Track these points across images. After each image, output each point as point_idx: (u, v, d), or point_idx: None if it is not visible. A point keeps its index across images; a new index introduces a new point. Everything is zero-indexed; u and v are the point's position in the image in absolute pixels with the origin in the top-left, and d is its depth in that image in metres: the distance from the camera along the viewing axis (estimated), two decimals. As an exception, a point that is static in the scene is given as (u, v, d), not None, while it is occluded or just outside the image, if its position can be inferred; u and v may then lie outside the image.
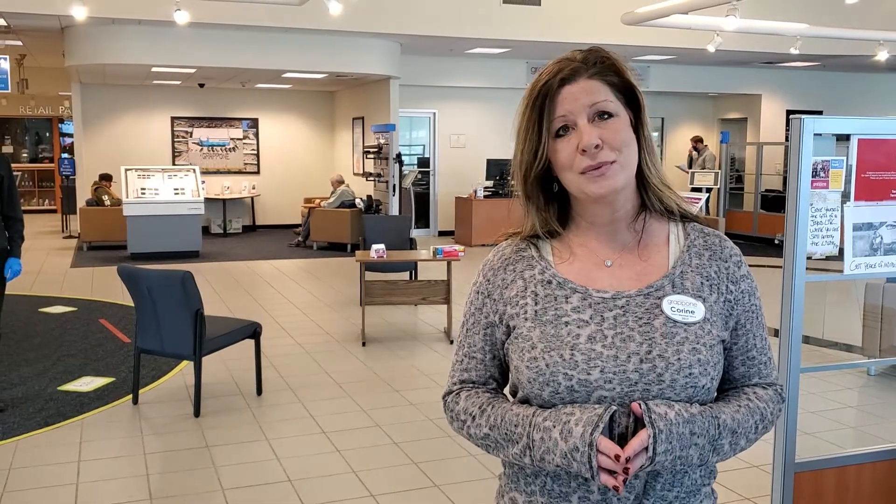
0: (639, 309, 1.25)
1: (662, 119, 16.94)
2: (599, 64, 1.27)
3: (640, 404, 1.18)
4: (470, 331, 1.39)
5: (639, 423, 1.18)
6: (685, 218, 1.35)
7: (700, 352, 1.22)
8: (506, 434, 1.27)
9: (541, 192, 1.33)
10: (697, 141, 14.46)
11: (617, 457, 1.15)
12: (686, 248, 1.31)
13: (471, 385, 1.39)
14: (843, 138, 2.67)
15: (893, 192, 2.52)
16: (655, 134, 17.30)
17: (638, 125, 1.28)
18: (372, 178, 12.86)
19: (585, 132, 1.23)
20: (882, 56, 11.54)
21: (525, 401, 1.30)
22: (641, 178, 1.30)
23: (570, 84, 1.25)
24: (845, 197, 2.53)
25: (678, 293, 1.26)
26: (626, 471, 1.15)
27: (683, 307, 1.25)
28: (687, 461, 1.20)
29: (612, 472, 1.16)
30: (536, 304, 1.29)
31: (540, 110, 1.26)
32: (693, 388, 1.21)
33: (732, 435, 1.23)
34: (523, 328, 1.29)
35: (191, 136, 14.82)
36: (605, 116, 1.25)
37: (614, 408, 1.19)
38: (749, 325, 1.31)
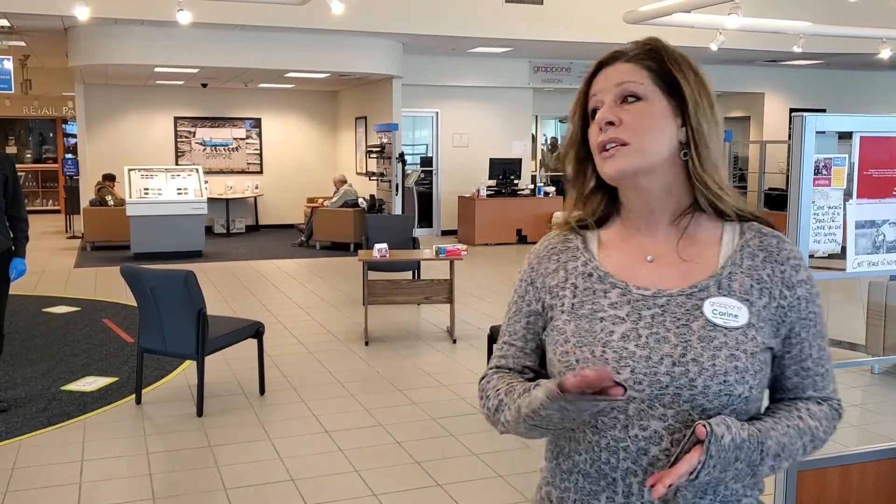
0: (679, 309, 1.20)
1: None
2: (644, 50, 1.25)
3: (706, 427, 1.13)
4: (512, 318, 1.38)
5: (687, 436, 1.15)
6: (743, 218, 1.28)
7: (739, 358, 1.16)
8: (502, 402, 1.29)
9: (589, 178, 1.31)
10: None
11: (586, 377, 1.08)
12: (739, 249, 1.25)
13: (506, 371, 1.37)
14: (846, 136, 2.66)
15: (896, 189, 2.52)
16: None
17: (685, 118, 1.23)
18: (375, 178, 12.86)
19: (603, 109, 1.24)
20: (885, 54, 11.52)
21: None
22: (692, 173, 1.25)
23: (608, 67, 1.26)
24: (847, 195, 2.52)
25: (723, 295, 1.21)
26: (661, 483, 1.13)
27: (726, 310, 1.19)
28: (720, 480, 1.18)
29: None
30: (574, 296, 1.27)
31: (584, 94, 1.28)
32: (728, 396, 1.16)
33: (775, 459, 1.19)
34: (559, 320, 1.27)
35: (194, 136, 14.83)
36: (632, 99, 1.23)
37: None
38: (804, 334, 1.23)
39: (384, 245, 6.61)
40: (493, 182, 13.11)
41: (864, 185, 2.51)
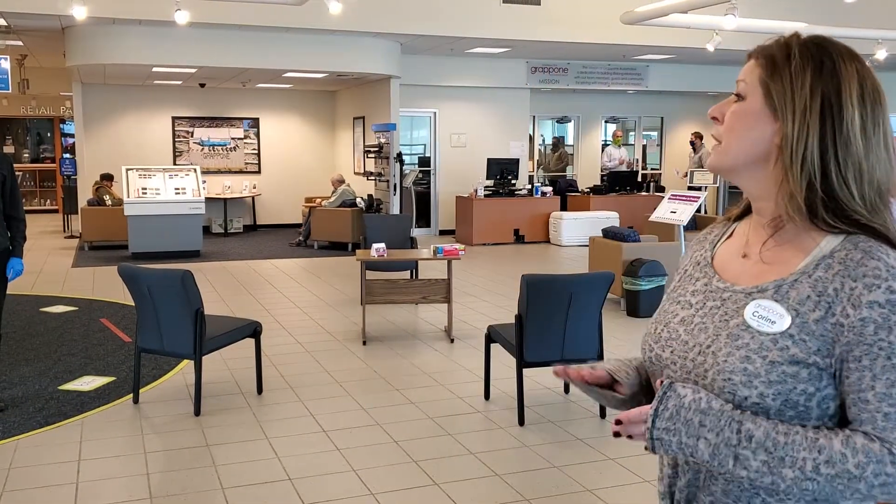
0: (732, 305, 1.21)
1: (662, 118, 16.95)
2: (774, 44, 1.22)
3: (664, 380, 1.19)
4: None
5: None
6: (852, 230, 1.16)
7: (753, 362, 1.14)
8: None
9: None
10: (697, 137, 14.44)
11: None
12: (822, 258, 1.16)
13: None
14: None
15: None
16: (655, 133, 17.31)
17: (785, 122, 1.17)
18: (373, 178, 12.87)
19: (716, 105, 1.27)
20: (881, 55, 11.54)
21: None
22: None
23: (748, 61, 1.27)
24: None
25: (776, 301, 1.16)
26: (620, 433, 1.20)
27: (766, 314, 1.16)
28: (698, 456, 1.14)
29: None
30: (679, 281, 1.36)
31: None
32: (731, 395, 1.14)
33: (767, 455, 1.10)
34: (664, 301, 1.37)
35: (192, 136, 14.83)
36: (738, 98, 1.24)
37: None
38: (867, 361, 1.09)
39: (382, 245, 6.62)
40: (490, 182, 13.12)
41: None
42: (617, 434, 1.20)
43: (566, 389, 5.25)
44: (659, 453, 1.19)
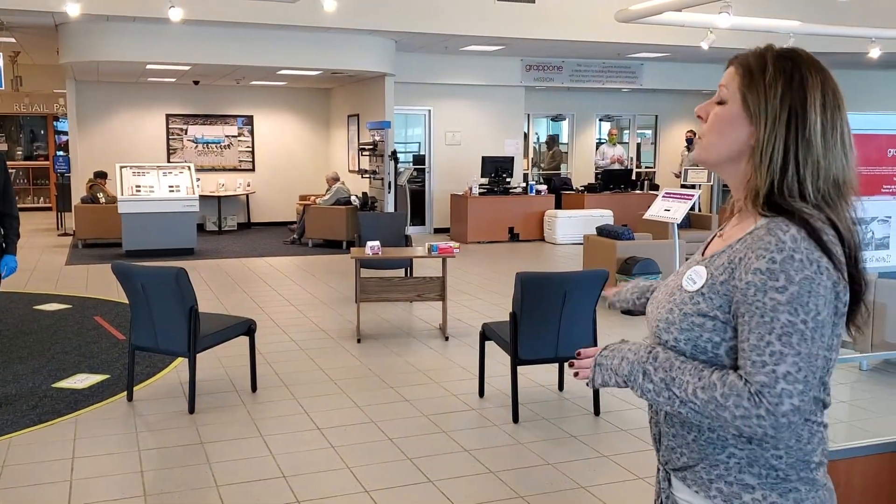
0: (686, 271, 1.46)
1: (656, 116, 16.97)
2: (751, 55, 1.41)
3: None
4: None
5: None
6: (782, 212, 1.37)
7: (672, 312, 1.41)
8: None
9: None
10: (694, 135, 14.46)
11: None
12: (746, 235, 1.39)
13: None
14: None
15: (885, 187, 2.54)
16: (649, 132, 17.32)
17: (758, 127, 1.37)
18: (367, 176, 12.86)
19: (701, 105, 1.48)
20: (875, 53, 11.57)
21: None
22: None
23: (729, 66, 1.46)
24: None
25: (705, 266, 1.42)
26: (572, 365, 1.50)
27: (694, 277, 1.42)
28: (621, 372, 1.42)
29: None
30: (686, 260, 1.60)
31: None
32: (657, 339, 1.44)
33: (664, 373, 1.36)
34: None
35: (186, 134, 14.80)
36: (721, 101, 1.43)
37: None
38: (747, 317, 1.31)
39: (377, 243, 6.62)
40: (485, 180, 13.12)
41: (852, 182, 2.53)
42: (571, 365, 1.50)
43: (560, 387, 5.26)
44: (597, 381, 1.46)
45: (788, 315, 1.28)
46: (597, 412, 4.76)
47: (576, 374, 1.49)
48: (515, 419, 4.63)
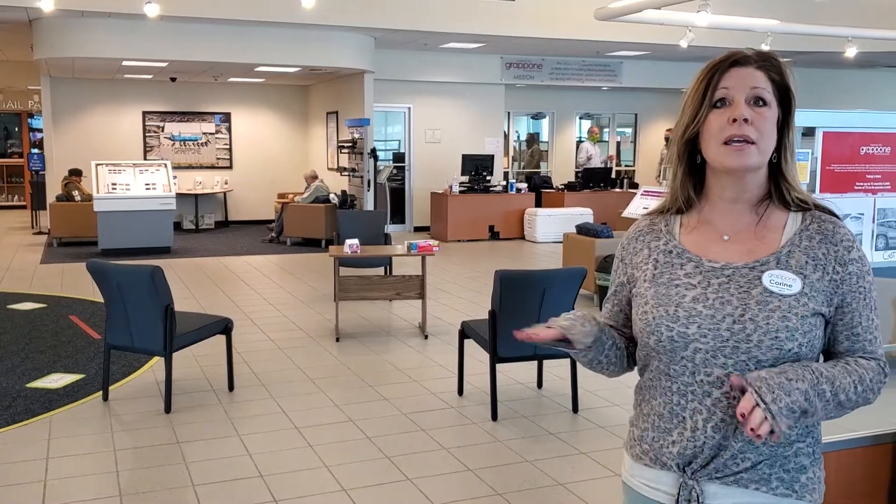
0: (742, 279, 1.43)
1: (636, 115, 17.04)
2: (768, 61, 1.47)
3: (737, 376, 1.37)
4: (610, 287, 1.67)
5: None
6: (806, 208, 1.50)
7: (790, 319, 1.39)
8: None
9: (685, 162, 1.53)
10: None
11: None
12: (799, 232, 1.46)
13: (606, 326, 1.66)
14: (810, 133, 2.70)
15: (858, 184, 2.56)
16: (629, 130, 17.39)
17: (784, 126, 1.47)
18: (346, 173, 12.82)
19: (740, 106, 1.43)
20: (851, 52, 11.68)
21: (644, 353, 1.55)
22: (778, 172, 1.48)
23: (740, 67, 1.46)
24: (811, 190, 2.56)
25: (781, 269, 1.43)
26: (752, 430, 1.31)
27: (782, 281, 1.41)
28: (800, 406, 1.33)
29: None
30: (655, 269, 1.52)
31: (707, 82, 1.47)
32: (779, 351, 1.38)
33: (830, 384, 1.36)
34: (642, 288, 1.53)
35: (162, 131, 14.67)
36: (760, 103, 1.44)
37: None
38: (855, 304, 1.43)
39: (356, 241, 6.59)
40: (465, 178, 13.11)
41: (826, 179, 2.55)
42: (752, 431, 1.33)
43: (539, 384, 5.26)
44: (786, 424, 1.32)
45: (874, 292, 1.46)
46: (575, 409, 4.77)
47: (758, 437, 1.32)
48: (494, 417, 4.63)
